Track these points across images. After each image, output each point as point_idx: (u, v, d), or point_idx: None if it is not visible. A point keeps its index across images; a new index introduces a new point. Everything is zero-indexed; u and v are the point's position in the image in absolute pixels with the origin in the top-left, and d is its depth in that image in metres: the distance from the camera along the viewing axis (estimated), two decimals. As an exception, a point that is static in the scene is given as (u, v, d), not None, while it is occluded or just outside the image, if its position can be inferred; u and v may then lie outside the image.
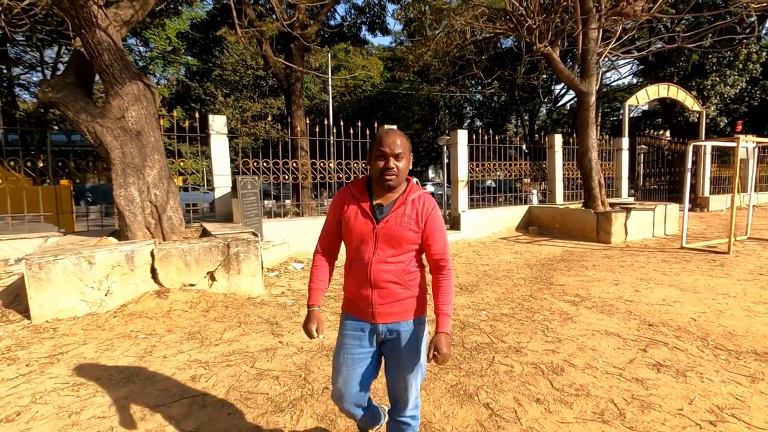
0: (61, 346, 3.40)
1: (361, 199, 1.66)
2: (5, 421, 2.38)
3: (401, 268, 1.63)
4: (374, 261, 1.61)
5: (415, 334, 1.68)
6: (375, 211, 1.63)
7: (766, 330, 3.48)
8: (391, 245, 1.61)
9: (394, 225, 1.60)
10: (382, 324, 1.67)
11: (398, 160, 1.59)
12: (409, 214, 1.62)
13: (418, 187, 1.69)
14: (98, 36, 4.72)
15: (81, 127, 4.83)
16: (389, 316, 1.66)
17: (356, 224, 1.64)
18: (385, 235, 1.60)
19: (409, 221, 1.61)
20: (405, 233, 1.60)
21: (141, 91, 5.05)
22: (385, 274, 1.61)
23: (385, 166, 1.58)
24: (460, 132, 9.00)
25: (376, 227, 1.61)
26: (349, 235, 1.68)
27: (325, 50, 19.76)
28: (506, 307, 4.29)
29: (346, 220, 1.67)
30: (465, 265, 6.42)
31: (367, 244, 1.62)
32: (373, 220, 1.61)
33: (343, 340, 1.72)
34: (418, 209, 1.63)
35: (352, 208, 1.66)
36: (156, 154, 5.06)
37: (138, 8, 5.47)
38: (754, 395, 2.48)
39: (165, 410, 2.45)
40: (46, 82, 5.02)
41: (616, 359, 3.00)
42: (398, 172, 1.59)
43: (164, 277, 4.38)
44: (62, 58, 20.82)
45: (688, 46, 9.94)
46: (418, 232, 1.63)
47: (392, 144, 1.58)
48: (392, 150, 1.58)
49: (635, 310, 4.08)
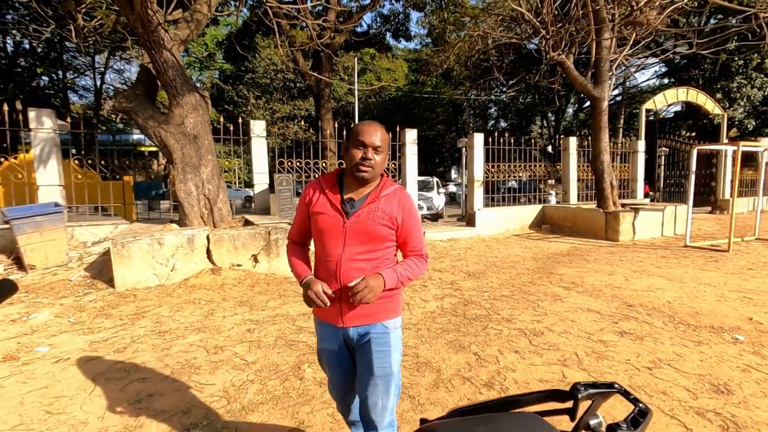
0: (142, 308, 4.29)
1: (332, 193, 1.56)
2: (116, 351, 3.24)
3: (373, 266, 1.52)
4: (344, 258, 1.50)
5: (387, 338, 1.56)
6: (345, 205, 1.53)
7: (728, 311, 4.01)
8: (363, 241, 1.51)
9: (366, 220, 1.50)
10: (351, 328, 1.55)
11: (377, 153, 1.50)
12: (382, 209, 1.52)
13: (392, 182, 1.62)
14: (164, 55, 5.64)
15: (149, 131, 5.77)
16: (358, 318, 1.54)
17: (325, 219, 1.54)
18: (356, 230, 1.51)
19: (383, 216, 1.52)
20: (377, 228, 1.50)
21: (198, 101, 5.96)
22: (355, 272, 1.49)
23: (363, 157, 1.48)
24: (476, 135, 9.62)
25: (346, 222, 1.51)
26: (317, 230, 1.57)
27: (352, 54, 20.64)
28: (506, 290, 4.94)
29: (315, 214, 1.57)
30: (476, 257, 7.07)
31: (335, 240, 1.52)
32: (343, 215, 1.51)
33: (320, 344, 1.65)
34: (394, 205, 1.54)
35: (321, 202, 1.56)
36: (209, 155, 5.95)
37: (193, 28, 6.38)
38: (693, 353, 3.07)
39: (230, 348, 3.27)
40: (122, 93, 5.99)
41: (589, 328, 3.63)
42: (375, 165, 1.50)
43: (217, 257, 5.24)
44: (110, 64, 22.49)
45: (703, 53, 10.20)
46: (392, 228, 1.54)
47: (373, 135, 1.49)
48: (372, 141, 1.48)
49: (620, 294, 4.66)
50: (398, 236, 1.57)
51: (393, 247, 1.58)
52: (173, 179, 17.01)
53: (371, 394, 1.55)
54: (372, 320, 1.54)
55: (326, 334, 1.60)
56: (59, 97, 20.87)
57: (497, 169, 10.25)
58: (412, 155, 8.91)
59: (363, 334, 1.55)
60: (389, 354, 1.55)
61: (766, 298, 4.38)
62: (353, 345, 1.58)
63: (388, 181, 1.60)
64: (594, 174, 9.96)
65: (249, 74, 27.22)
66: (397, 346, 1.59)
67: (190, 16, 6.28)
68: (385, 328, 1.55)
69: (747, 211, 13.83)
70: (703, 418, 2.24)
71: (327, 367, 1.66)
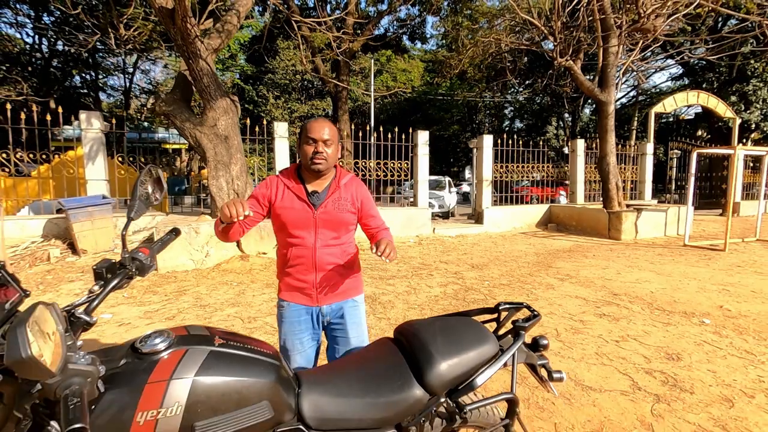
0: (182, 287, 4.93)
1: (295, 188, 1.67)
2: (167, 319, 3.87)
3: (342, 249, 1.72)
4: (318, 246, 1.66)
5: (357, 311, 1.78)
6: (311, 198, 1.66)
7: (704, 300, 4.44)
8: (333, 228, 1.68)
9: (333, 209, 1.67)
10: (326, 305, 1.72)
11: (327, 146, 1.63)
12: (344, 197, 1.70)
13: (346, 171, 1.79)
14: (200, 64, 6.29)
15: (185, 132, 6.43)
16: (334, 297, 1.72)
17: (293, 212, 1.65)
18: (326, 220, 1.66)
19: (346, 203, 1.70)
20: (344, 216, 1.69)
21: (228, 105, 6.59)
22: (329, 257, 1.68)
23: (315, 151, 1.62)
24: (485, 137, 10.08)
25: (316, 213, 1.65)
26: (285, 223, 1.68)
27: (369, 56, 21.21)
28: (505, 280, 5.43)
29: (282, 208, 1.67)
30: (481, 251, 7.56)
31: (307, 231, 1.66)
32: (311, 206, 1.65)
33: (288, 327, 1.72)
34: (352, 192, 1.73)
35: (288, 197, 1.67)
36: (238, 154, 6.59)
37: (224, 38, 7.03)
38: (659, 331, 3.54)
39: (262, 319, 3.86)
40: (162, 98, 6.67)
41: (573, 310, 4.11)
42: (327, 157, 1.63)
43: (245, 246, 5.87)
44: (138, 65, 23.57)
45: (710, 58, 10.44)
46: (355, 213, 1.74)
47: (321, 130, 1.62)
48: (321, 136, 1.61)
49: (608, 285, 5.11)
50: (360, 217, 1.77)
51: (354, 228, 1.80)
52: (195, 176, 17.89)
53: None
54: (344, 297, 1.75)
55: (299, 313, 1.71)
56: (91, 97, 21.96)
57: (506, 169, 10.69)
58: (424, 155, 9.42)
59: (336, 309, 1.74)
60: (362, 325, 1.78)
61: (742, 291, 4.78)
62: (327, 322, 1.75)
63: (343, 171, 1.77)
64: (600, 175, 10.31)
65: (269, 75, 28.06)
66: (365, 318, 1.82)
67: (221, 27, 6.93)
68: (355, 302, 1.78)
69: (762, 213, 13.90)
70: (650, 376, 2.72)
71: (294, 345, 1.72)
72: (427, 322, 1.38)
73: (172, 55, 21.42)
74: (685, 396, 2.47)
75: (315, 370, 1.38)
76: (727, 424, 2.18)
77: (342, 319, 1.74)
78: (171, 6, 5.77)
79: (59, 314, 0.86)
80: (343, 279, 1.72)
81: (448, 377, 1.20)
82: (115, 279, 1.06)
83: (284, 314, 1.73)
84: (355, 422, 1.12)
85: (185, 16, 5.86)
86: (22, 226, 6.46)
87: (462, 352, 1.24)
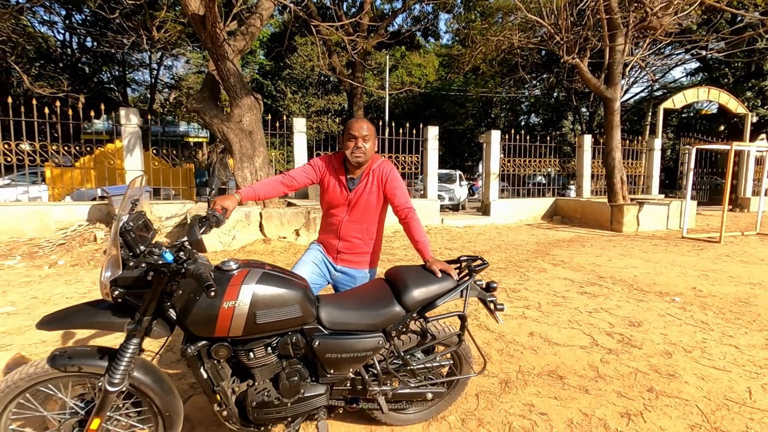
0: (213, 264, 5.59)
1: (339, 173, 2.08)
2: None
3: (365, 227, 2.10)
4: (344, 221, 2.09)
5: (366, 281, 2.15)
6: (349, 183, 2.06)
7: (681, 283, 4.87)
8: (359, 210, 2.08)
9: (362, 193, 2.05)
10: (340, 266, 2.14)
11: (365, 142, 1.97)
12: (372, 182, 2.06)
13: (378, 158, 2.12)
14: (227, 65, 6.91)
15: (214, 128, 7.07)
16: (348, 263, 2.14)
17: (333, 192, 2.09)
18: (356, 202, 2.06)
19: (373, 188, 2.06)
20: (371, 199, 2.07)
21: (252, 102, 7.21)
22: (352, 231, 2.09)
23: (355, 146, 1.97)
24: (493, 132, 10.50)
25: (349, 195, 2.05)
26: (325, 199, 2.14)
27: (384, 52, 21.64)
28: (503, 264, 5.94)
29: (325, 187, 2.12)
30: (485, 240, 8.05)
31: (340, 208, 2.10)
32: (347, 190, 2.06)
33: (304, 258, 2.17)
34: (379, 176, 2.06)
35: (332, 180, 2.09)
36: (261, 147, 7.21)
37: (248, 39, 7.64)
38: (630, 306, 4.01)
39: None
40: (192, 96, 7.33)
41: (558, 289, 4.61)
42: (365, 152, 1.98)
43: (267, 230, 6.50)
44: (161, 61, 24.50)
45: (717, 55, 10.60)
46: (380, 196, 2.08)
47: (359, 129, 1.97)
48: (359, 133, 1.96)
49: (597, 269, 5.57)
50: (386, 195, 2.08)
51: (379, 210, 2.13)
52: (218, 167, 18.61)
53: None
54: (358, 266, 2.13)
55: (320, 252, 2.18)
56: (119, 92, 22.99)
57: (514, 163, 11.10)
58: (434, 150, 9.91)
59: (347, 273, 2.13)
60: None
61: (721, 276, 5.19)
62: (336, 275, 2.15)
63: (376, 158, 2.12)
64: (605, 170, 10.63)
65: (287, 70, 28.73)
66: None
67: (246, 29, 7.53)
68: (365, 274, 2.17)
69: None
70: (609, 336, 3.22)
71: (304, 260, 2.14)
72: (408, 267, 1.94)
73: (194, 51, 22.25)
74: (634, 350, 2.97)
75: (329, 295, 1.95)
76: (660, 368, 2.69)
77: (350, 281, 2.16)
78: (202, 13, 6.39)
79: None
80: (361, 251, 2.10)
81: (418, 299, 1.76)
82: (205, 225, 1.66)
83: (309, 250, 2.21)
84: (354, 325, 1.70)
85: (215, 22, 6.47)
86: (70, 211, 7.23)
87: (429, 284, 1.80)
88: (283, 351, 1.61)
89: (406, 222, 2.06)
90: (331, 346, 1.65)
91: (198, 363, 1.53)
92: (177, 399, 1.62)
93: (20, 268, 5.41)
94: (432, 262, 1.92)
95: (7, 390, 1.43)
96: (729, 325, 3.49)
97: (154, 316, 1.49)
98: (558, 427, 2.08)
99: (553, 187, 12.67)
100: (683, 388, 2.45)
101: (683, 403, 2.29)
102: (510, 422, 2.12)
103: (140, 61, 25.76)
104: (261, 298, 1.51)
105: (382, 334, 1.73)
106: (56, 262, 5.65)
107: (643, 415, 2.18)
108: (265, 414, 1.61)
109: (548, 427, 2.08)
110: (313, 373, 1.71)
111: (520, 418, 2.15)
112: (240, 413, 1.62)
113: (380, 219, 2.18)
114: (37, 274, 5.14)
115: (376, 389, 1.77)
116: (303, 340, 1.63)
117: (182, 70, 30.46)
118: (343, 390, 1.77)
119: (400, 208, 2.08)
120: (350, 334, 1.69)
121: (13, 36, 10.35)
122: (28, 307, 3.90)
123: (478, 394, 2.37)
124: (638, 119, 30.01)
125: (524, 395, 2.38)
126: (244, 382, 1.63)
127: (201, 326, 1.48)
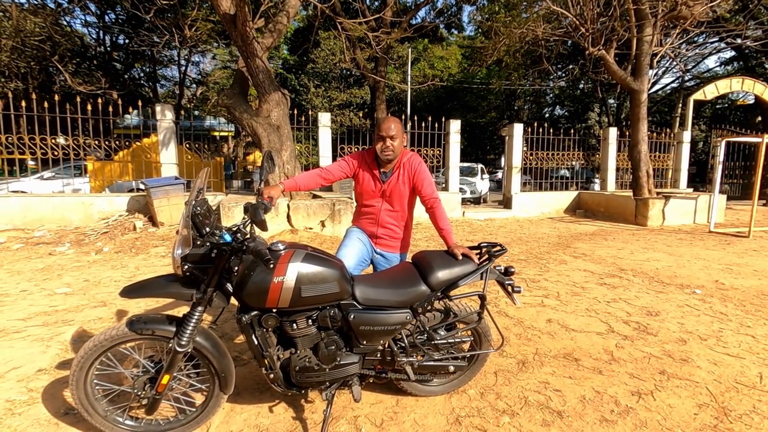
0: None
1: (372, 167, 2.30)
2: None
3: (399, 215, 2.36)
4: (382, 210, 2.33)
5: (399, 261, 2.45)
6: (382, 176, 2.30)
7: (703, 276, 4.88)
8: (393, 200, 2.32)
9: (395, 185, 2.28)
10: (378, 248, 2.41)
11: (393, 140, 2.17)
12: (403, 174, 2.28)
13: (408, 152, 2.33)
14: (257, 62, 7.18)
15: (243, 122, 7.38)
16: (386, 247, 2.41)
17: (367, 185, 2.32)
18: (389, 193, 2.30)
19: (405, 179, 2.28)
20: (403, 190, 2.30)
21: (280, 98, 7.48)
22: (389, 219, 2.35)
23: (384, 146, 2.18)
24: (515, 125, 10.50)
25: (383, 187, 2.30)
26: (361, 191, 2.37)
27: (406, 45, 21.65)
28: (523, 256, 6.04)
29: (360, 180, 2.34)
30: (506, 233, 8.13)
31: (375, 199, 2.34)
32: (381, 183, 2.30)
33: (350, 237, 2.40)
34: (408, 169, 2.28)
35: (366, 174, 2.32)
36: (288, 141, 7.48)
37: (276, 36, 7.88)
38: (649, 297, 4.09)
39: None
40: (223, 92, 7.66)
41: (578, 280, 4.70)
42: (394, 149, 2.19)
43: (294, 221, 6.78)
44: (190, 57, 25.18)
45: (753, 45, 10.26)
46: (410, 187, 2.31)
47: (387, 129, 2.16)
48: (388, 133, 2.16)
49: (618, 262, 5.61)
50: (415, 186, 2.29)
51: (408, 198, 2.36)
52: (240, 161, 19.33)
53: None
54: (395, 251, 2.42)
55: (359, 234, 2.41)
56: (150, 87, 23.80)
57: (536, 156, 11.07)
58: (456, 143, 10.00)
59: (385, 255, 2.41)
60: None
61: (745, 270, 5.17)
62: (376, 257, 2.42)
63: (406, 152, 2.32)
64: (631, 163, 10.49)
65: (310, 64, 29.05)
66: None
67: (273, 27, 7.78)
68: (400, 257, 2.47)
69: (806, 204, 13.46)
70: (626, 324, 3.34)
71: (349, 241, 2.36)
72: (433, 252, 2.13)
73: (221, 47, 22.76)
74: (649, 337, 3.08)
75: (363, 275, 2.16)
76: (674, 353, 2.80)
77: (386, 262, 2.43)
78: (233, 12, 6.66)
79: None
80: (397, 237, 2.39)
81: (442, 279, 1.95)
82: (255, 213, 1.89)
83: (350, 231, 2.43)
84: (384, 302, 1.90)
85: (245, 21, 6.74)
86: (111, 202, 7.70)
87: (452, 266, 1.99)
88: (322, 323, 1.84)
89: (432, 211, 2.27)
90: (365, 319, 1.86)
91: (250, 330, 1.77)
92: (231, 362, 1.87)
93: (70, 254, 5.86)
94: (455, 246, 2.12)
95: (94, 348, 1.70)
96: (748, 317, 3.54)
97: (215, 289, 1.73)
98: (571, 402, 2.24)
99: (577, 180, 12.60)
100: (695, 371, 2.57)
101: (693, 385, 2.41)
102: (526, 396, 2.29)
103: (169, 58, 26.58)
104: (305, 275, 1.73)
105: (410, 310, 1.93)
106: (101, 249, 6.08)
107: (653, 394, 2.31)
108: (306, 378, 1.84)
109: (562, 402, 2.24)
110: (348, 343, 1.93)
111: (535, 393, 2.32)
112: (284, 378, 1.85)
113: (410, 207, 2.42)
114: (85, 260, 5.57)
115: (404, 359, 1.97)
116: (339, 313, 1.85)
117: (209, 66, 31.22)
118: (373, 360, 1.98)
119: (426, 198, 2.29)
120: (381, 309, 1.90)
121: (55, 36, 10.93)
122: (82, 289, 4.27)
123: (497, 372, 2.55)
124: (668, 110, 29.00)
125: (540, 374, 2.54)
126: (287, 351, 1.87)
127: (254, 297, 1.72)
